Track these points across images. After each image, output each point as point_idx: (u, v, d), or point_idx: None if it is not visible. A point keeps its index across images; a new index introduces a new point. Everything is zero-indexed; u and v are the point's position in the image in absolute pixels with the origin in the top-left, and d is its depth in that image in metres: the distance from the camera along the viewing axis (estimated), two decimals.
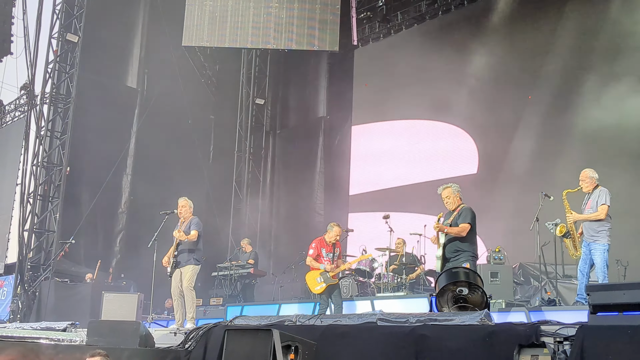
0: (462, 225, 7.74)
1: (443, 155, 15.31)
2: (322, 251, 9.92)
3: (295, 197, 18.57)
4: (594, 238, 8.19)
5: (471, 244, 7.76)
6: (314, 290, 9.87)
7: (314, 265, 9.85)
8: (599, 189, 8.36)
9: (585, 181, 8.45)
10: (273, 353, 5.31)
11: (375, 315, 6.41)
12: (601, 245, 8.13)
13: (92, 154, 16.13)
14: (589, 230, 8.28)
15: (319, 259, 9.89)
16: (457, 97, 15.26)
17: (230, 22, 16.29)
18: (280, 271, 14.67)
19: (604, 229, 8.18)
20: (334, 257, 9.88)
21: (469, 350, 5.26)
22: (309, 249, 10.05)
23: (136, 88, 17.61)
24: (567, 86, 13.29)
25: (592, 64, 13.11)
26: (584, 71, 13.12)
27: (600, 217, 8.14)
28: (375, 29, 17.78)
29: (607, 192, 8.29)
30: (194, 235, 9.28)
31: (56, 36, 15.84)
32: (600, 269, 8.05)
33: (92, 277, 14.06)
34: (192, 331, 7.36)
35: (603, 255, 8.09)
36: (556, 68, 13.60)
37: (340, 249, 10.23)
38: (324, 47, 16.40)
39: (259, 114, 19.66)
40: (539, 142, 13.65)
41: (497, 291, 9.34)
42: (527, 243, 10.35)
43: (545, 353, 4.69)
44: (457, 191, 8.07)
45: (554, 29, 13.91)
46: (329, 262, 9.79)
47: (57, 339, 7.66)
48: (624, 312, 4.85)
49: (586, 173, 8.50)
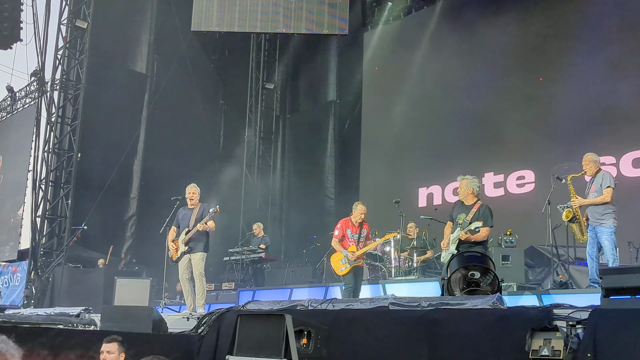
0: (484, 230, 7.59)
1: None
2: (348, 232, 9.43)
3: (306, 181, 18.57)
4: (600, 221, 8.16)
5: (486, 242, 7.75)
6: (338, 272, 9.45)
7: (338, 249, 9.41)
8: (602, 172, 8.35)
9: (589, 165, 8.43)
10: (286, 338, 5.33)
11: (387, 300, 6.42)
12: (607, 227, 8.09)
13: (103, 140, 16.20)
14: (594, 213, 8.24)
15: (344, 241, 9.42)
16: (468, 79, 15.15)
17: (239, 7, 16.22)
18: (292, 255, 14.70)
19: (609, 212, 8.14)
20: (359, 237, 9.40)
21: (481, 334, 5.26)
22: (335, 230, 9.62)
23: (145, 74, 17.63)
24: (578, 67, 13.16)
25: (604, 44, 12.96)
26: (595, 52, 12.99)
27: (606, 199, 8.11)
28: (385, 12, 17.66)
29: (610, 175, 8.28)
30: (213, 226, 9.29)
31: (65, 22, 15.85)
32: (609, 252, 8.02)
33: (104, 263, 14.17)
34: (205, 316, 7.39)
35: (610, 237, 8.06)
36: (567, 48, 13.47)
37: (368, 229, 9.69)
38: (333, 30, 16.32)
39: (269, 98, 19.64)
40: (550, 124, 13.56)
41: (508, 274, 9.34)
42: (539, 226, 10.31)
43: (558, 337, 4.68)
44: (475, 186, 7.94)
45: (565, 10, 13.77)
46: (354, 243, 9.30)
47: (71, 325, 7.72)
48: (637, 295, 4.84)
49: (589, 157, 8.46)
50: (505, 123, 14.30)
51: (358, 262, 9.32)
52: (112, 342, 5.67)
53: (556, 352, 4.60)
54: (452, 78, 15.43)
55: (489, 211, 7.73)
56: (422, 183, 15.65)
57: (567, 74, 13.34)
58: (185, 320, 7.93)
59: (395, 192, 13.91)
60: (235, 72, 19.64)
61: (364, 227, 9.52)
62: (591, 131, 12.75)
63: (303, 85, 20.04)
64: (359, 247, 9.36)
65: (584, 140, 12.61)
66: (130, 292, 11.03)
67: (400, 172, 16.16)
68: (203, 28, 16.81)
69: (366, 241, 9.56)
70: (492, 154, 14.43)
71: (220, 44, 19.47)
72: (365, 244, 9.50)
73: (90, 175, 15.95)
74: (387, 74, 17.25)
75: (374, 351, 5.89)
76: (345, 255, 9.26)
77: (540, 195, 10.74)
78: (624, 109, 12.28)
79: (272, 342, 5.42)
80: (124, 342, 5.71)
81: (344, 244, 9.40)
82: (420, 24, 16.59)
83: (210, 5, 16.30)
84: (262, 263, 14.09)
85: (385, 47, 17.53)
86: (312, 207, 17.95)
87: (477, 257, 6.79)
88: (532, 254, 11.57)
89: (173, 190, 10.85)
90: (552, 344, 4.65)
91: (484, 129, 14.74)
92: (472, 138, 14.87)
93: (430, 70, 16.06)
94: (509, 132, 14.25)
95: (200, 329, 7.21)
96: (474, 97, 14.99)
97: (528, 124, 13.91)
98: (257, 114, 19.20)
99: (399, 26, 17.31)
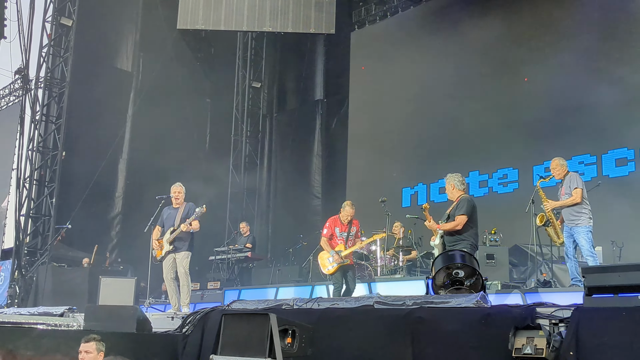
0: (458, 218, 7.60)
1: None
2: (336, 230, 9.26)
3: (293, 180, 18.56)
4: (575, 222, 8.29)
5: (470, 233, 7.66)
6: (325, 271, 9.32)
7: (325, 248, 9.25)
8: (570, 175, 8.54)
9: (556, 169, 8.67)
10: (270, 337, 5.33)
11: (372, 298, 6.42)
12: (583, 227, 8.21)
13: (88, 138, 16.10)
14: (569, 215, 8.40)
15: (333, 239, 9.27)
16: (453, 79, 15.20)
17: (225, 5, 16.14)
18: (278, 255, 14.69)
19: (583, 212, 8.28)
20: (348, 236, 9.24)
21: (464, 333, 5.28)
22: (323, 229, 9.45)
23: (131, 72, 17.54)
24: (562, 68, 13.24)
25: (589, 44, 13.05)
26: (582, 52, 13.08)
27: (576, 200, 8.27)
28: (372, 11, 17.70)
29: (578, 176, 8.48)
30: (198, 226, 9.26)
31: (50, 20, 15.73)
32: (587, 251, 8.11)
33: (89, 262, 14.08)
34: (190, 315, 7.37)
35: (587, 236, 8.16)
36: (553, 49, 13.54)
37: (358, 226, 9.50)
38: (320, 29, 16.28)
39: (256, 97, 19.59)
40: (534, 123, 13.63)
41: (493, 273, 9.40)
42: (523, 225, 10.37)
43: (541, 335, 4.70)
44: (456, 181, 7.96)
45: (551, 11, 13.85)
46: (342, 242, 9.17)
47: (54, 324, 7.67)
48: (619, 294, 4.87)
49: (556, 162, 8.70)
50: (490, 122, 14.37)
51: (346, 261, 9.19)
52: (91, 342, 5.63)
53: (539, 350, 4.63)
54: (438, 77, 15.46)
55: (466, 201, 7.71)
56: (408, 182, 15.69)
57: (551, 74, 13.42)
58: (169, 320, 7.91)
59: (381, 192, 13.94)
60: (222, 71, 19.57)
61: (354, 224, 9.37)
62: (574, 131, 12.84)
63: (290, 84, 20.02)
64: (347, 245, 9.22)
65: (567, 139, 12.72)
66: (115, 291, 11.00)
67: (386, 172, 16.18)
68: (189, 26, 16.71)
69: (355, 239, 9.41)
70: (477, 153, 14.49)
71: (206, 42, 19.40)
72: (354, 242, 9.35)
73: (74, 173, 15.84)
74: (374, 73, 17.27)
75: (358, 350, 5.89)
76: (332, 254, 9.15)
77: (525, 194, 10.79)
78: (607, 108, 12.38)
79: (257, 341, 5.41)
80: (102, 341, 5.68)
81: (333, 243, 9.26)
82: (406, 24, 16.64)
83: (197, 3, 16.22)
84: (248, 262, 14.08)
85: (372, 46, 17.56)
86: (299, 206, 17.95)
87: (461, 256, 6.81)
88: (517, 253, 11.64)
89: (158, 189, 10.81)
90: (535, 342, 4.67)
91: (470, 128, 14.78)
92: (458, 137, 14.92)
93: (416, 69, 16.11)
94: (494, 131, 14.34)
95: (185, 328, 7.18)
96: (459, 96, 15.04)
97: (513, 123, 13.99)
98: (244, 113, 19.15)
99: (385, 26, 17.35)
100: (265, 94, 19.94)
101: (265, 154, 19.79)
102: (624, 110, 12.17)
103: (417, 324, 5.59)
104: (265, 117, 19.91)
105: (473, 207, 7.73)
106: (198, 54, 19.37)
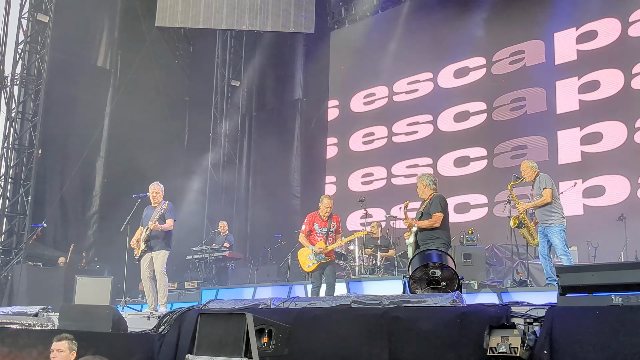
0: (434, 216, 7.68)
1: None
2: (315, 227, 8.99)
3: (271, 179, 18.52)
4: (548, 221, 8.38)
5: (443, 231, 7.75)
6: (305, 269, 9.08)
7: (305, 244, 9.01)
8: (540, 175, 8.62)
9: (526, 171, 8.75)
10: (246, 337, 5.30)
11: (349, 298, 6.43)
12: (556, 227, 8.29)
13: (65, 136, 15.96)
14: (542, 215, 8.48)
15: (312, 236, 9.00)
16: (432, 80, 15.27)
17: (204, 3, 16.09)
18: (257, 254, 14.66)
19: (556, 211, 8.37)
20: (329, 232, 8.98)
21: (440, 332, 5.30)
22: (302, 225, 9.20)
23: (109, 69, 17.39)
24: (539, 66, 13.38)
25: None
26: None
27: (547, 200, 8.35)
28: (352, 11, 17.73)
29: (547, 177, 8.55)
30: (169, 225, 9.22)
31: (26, 16, 15.53)
32: (560, 250, 8.19)
33: (65, 261, 13.92)
34: (166, 315, 7.32)
35: (560, 235, 8.24)
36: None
37: (339, 223, 9.22)
38: (299, 28, 16.29)
39: (235, 95, 19.50)
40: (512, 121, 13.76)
41: (469, 272, 9.45)
42: (500, 225, 10.45)
43: (515, 334, 4.73)
44: (428, 180, 8.06)
45: (529, 11, 13.98)
46: (322, 239, 8.91)
47: (28, 324, 7.58)
48: (593, 293, 4.91)
49: (525, 164, 8.81)
50: (470, 124, 14.47)
51: (326, 258, 8.95)
52: (63, 341, 5.57)
53: (513, 349, 4.65)
54: (417, 78, 15.53)
55: (439, 200, 7.83)
56: (387, 183, 15.74)
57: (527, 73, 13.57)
58: (145, 319, 7.85)
59: (360, 192, 13.99)
60: (201, 69, 19.47)
61: (334, 219, 9.11)
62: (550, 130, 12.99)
63: (269, 83, 19.96)
64: (327, 242, 8.97)
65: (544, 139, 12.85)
66: (91, 290, 10.90)
67: (365, 172, 16.22)
68: (168, 24, 16.63)
69: (336, 235, 9.14)
70: (455, 152, 14.57)
71: (185, 41, 19.31)
72: (335, 238, 9.11)
73: (51, 172, 15.69)
74: (354, 73, 17.31)
75: (335, 349, 5.89)
76: (313, 251, 8.91)
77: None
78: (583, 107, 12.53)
79: (233, 341, 5.37)
80: (75, 341, 5.62)
81: (312, 240, 9.01)
82: (386, 24, 16.69)
83: (175, 0, 16.14)
84: (226, 262, 14.02)
85: (351, 46, 17.60)
86: (278, 205, 17.92)
87: (438, 255, 6.85)
88: (493, 253, 11.74)
89: (136, 188, 10.74)
90: (509, 341, 4.70)
91: (449, 130, 14.87)
92: (438, 139, 15.00)
93: (396, 69, 16.16)
94: (472, 130, 14.43)
95: (161, 328, 7.14)
96: (438, 97, 15.13)
97: (491, 122, 14.09)
98: (223, 112, 19.06)
99: (365, 26, 17.39)
100: (244, 92, 19.86)
101: (244, 153, 19.71)
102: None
103: (393, 323, 5.61)
104: (244, 116, 19.83)
105: (447, 205, 7.86)
106: (177, 52, 19.27)
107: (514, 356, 4.63)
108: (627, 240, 10.18)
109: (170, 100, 18.43)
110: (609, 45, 12.65)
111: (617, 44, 12.57)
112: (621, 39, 12.53)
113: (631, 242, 10.23)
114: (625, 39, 12.47)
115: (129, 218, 9.86)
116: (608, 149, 12.24)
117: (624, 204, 11.54)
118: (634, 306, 4.56)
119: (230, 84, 19.26)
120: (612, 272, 4.88)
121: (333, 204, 9.11)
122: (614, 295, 4.73)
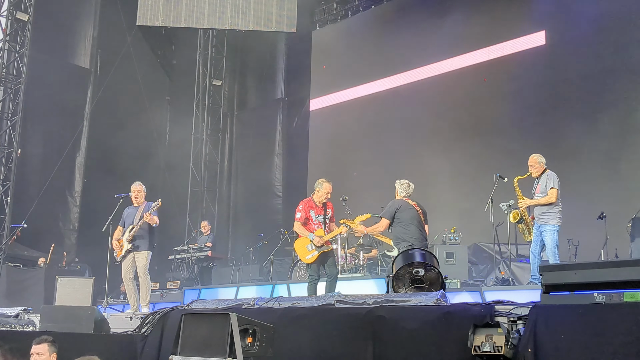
0: (382, 221, 8.15)
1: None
2: (312, 214, 8.40)
3: (253, 179, 18.50)
4: (544, 220, 8.37)
5: (403, 234, 8.00)
6: (304, 260, 8.41)
7: (302, 233, 8.32)
8: (547, 173, 8.52)
9: (534, 166, 8.62)
10: (230, 337, 5.28)
11: (333, 297, 6.43)
12: (551, 226, 8.30)
13: (44, 136, 15.82)
14: (540, 213, 8.45)
15: (308, 224, 8.38)
16: (413, 81, 15.33)
17: (185, 2, 16.01)
18: (239, 254, 14.63)
19: (555, 211, 8.36)
20: (325, 219, 8.43)
21: (424, 331, 5.32)
22: (296, 213, 8.46)
23: (89, 68, 17.23)
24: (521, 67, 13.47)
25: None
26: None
27: (551, 200, 8.32)
28: (333, 10, 17.73)
29: (554, 176, 8.48)
30: (156, 221, 9.18)
31: (5, 14, 15.30)
32: (550, 250, 8.23)
33: (45, 262, 13.78)
34: (148, 316, 7.27)
35: (553, 236, 8.27)
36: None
37: (332, 209, 8.66)
38: (281, 28, 16.26)
39: (216, 95, 19.44)
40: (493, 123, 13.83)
41: (452, 271, 9.50)
42: (482, 224, 10.51)
43: (500, 333, 4.76)
44: (399, 188, 8.36)
45: (507, 10, 14.08)
46: (319, 226, 8.36)
47: (8, 326, 7.49)
48: (575, 291, 4.95)
49: (535, 158, 8.64)
50: (451, 123, 14.53)
51: (327, 247, 8.39)
52: (42, 343, 5.49)
53: (497, 347, 4.68)
54: (399, 78, 15.57)
55: (389, 205, 8.17)
56: (369, 182, 15.75)
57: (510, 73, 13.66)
58: (128, 320, 7.79)
59: (342, 191, 13.95)
60: (182, 68, 19.38)
61: (328, 207, 8.58)
62: (532, 130, 13.08)
63: (251, 82, 19.94)
64: (326, 230, 8.44)
65: (526, 139, 12.92)
66: (72, 291, 10.81)
67: (347, 171, 16.22)
68: (149, 22, 16.50)
69: (331, 223, 8.57)
70: (438, 153, 14.62)
71: (166, 39, 19.19)
72: (330, 227, 8.54)
73: (31, 172, 15.53)
74: (335, 73, 17.32)
75: (319, 349, 5.90)
76: (312, 240, 8.25)
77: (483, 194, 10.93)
78: (565, 108, 12.64)
79: (217, 341, 5.36)
80: (55, 342, 5.55)
81: (308, 228, 8.39)
82: (367, 24, 16.73)
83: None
84: (208, 261, 13.97)
85: (333, 45, 17.60)
86: (260, 205, 17.90)
87: (421, 254, 6.88)
88: (476, 251, 11.81)
89: (117, 188, 10.67)
90: (493, 340, 4.73)
91: (430, 128, 14.93)
92: (419, 137, 15.05)
93: (377, 69, 16.19)
94: (454, 131, 14.49)
95: (144, 328, 7.09)
96: (419, 97, 15.17)
97: (473, 123, 14.16)
98: (204, 111, 18.99)
99: (347, 25, 17.41)
100: (226, 92, 19.81)
101: (226, 152, 19.67)
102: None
103: (377, 323, 5.62)
104: (226, 115, 19.78)
105: (395, 209, 8.09)
106: (158, 51, 19.14)
107: (498, 355, 4.66)
108: (607, 238, 10.26)
109: (151, 100, 18.31)
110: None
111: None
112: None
113: (611, 240, 10.31)
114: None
115: (111, 218, 9.81)
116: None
117: (604, 203, 11.63)
118: (615, 304, 4.61)
119: (212, 83, 19.18)
120: (594, 271, 4.91)
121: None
122: (596, 293, 4.76)
